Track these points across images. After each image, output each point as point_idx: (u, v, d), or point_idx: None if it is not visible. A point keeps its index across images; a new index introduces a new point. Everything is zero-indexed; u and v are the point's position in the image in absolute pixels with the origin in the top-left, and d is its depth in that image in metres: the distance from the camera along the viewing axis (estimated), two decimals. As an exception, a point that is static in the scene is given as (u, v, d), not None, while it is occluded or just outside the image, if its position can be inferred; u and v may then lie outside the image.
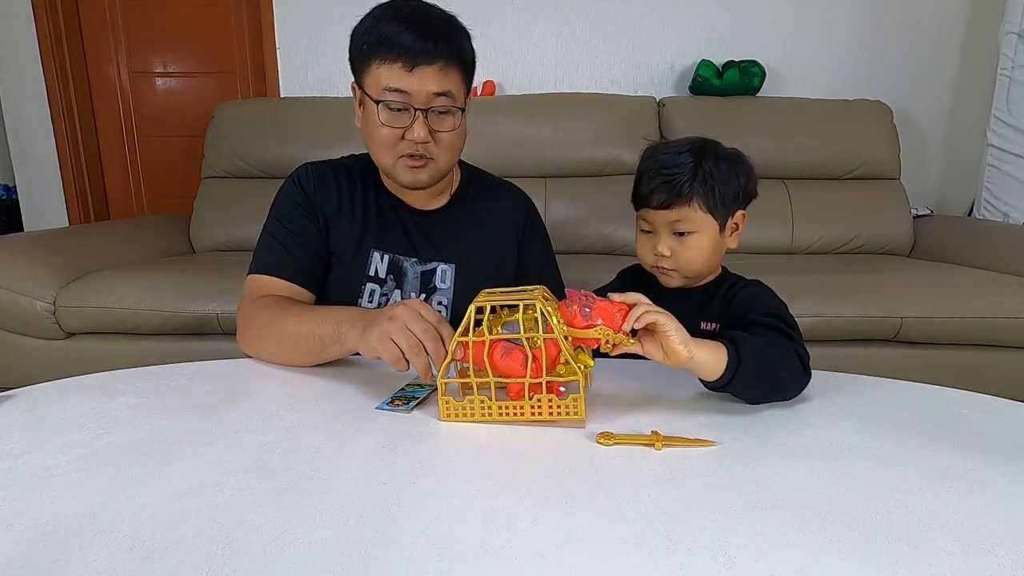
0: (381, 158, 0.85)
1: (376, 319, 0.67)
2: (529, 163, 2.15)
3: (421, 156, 0.82)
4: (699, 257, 0.79)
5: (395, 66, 0.76)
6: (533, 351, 0.59)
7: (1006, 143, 2.10)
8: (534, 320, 0.60)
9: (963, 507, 0.47)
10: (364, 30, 0.79)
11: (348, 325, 0.72)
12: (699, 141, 0.80)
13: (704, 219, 0.77)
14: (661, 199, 0.77)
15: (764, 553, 0.40)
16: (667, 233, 0.79)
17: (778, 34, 2.39)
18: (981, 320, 1.52)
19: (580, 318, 0.59)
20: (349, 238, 0.90)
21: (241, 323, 0.84)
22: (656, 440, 0.56)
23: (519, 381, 0.59)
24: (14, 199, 2.62)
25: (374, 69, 0.78)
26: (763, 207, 0.84)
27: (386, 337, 0.64)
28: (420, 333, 0.63)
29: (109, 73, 2.55)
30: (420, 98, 0.78)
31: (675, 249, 0.79)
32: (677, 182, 0.76)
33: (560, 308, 0.60)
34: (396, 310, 0.65)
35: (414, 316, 0.64)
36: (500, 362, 0.59)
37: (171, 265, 1.81)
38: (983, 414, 0.67)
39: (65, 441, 0.56)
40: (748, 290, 0.82)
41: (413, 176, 0.84)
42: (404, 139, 0.81)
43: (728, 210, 0.79)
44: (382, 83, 0.78)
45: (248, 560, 0.39)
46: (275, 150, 2.16)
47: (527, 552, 0.40)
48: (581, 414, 0.59)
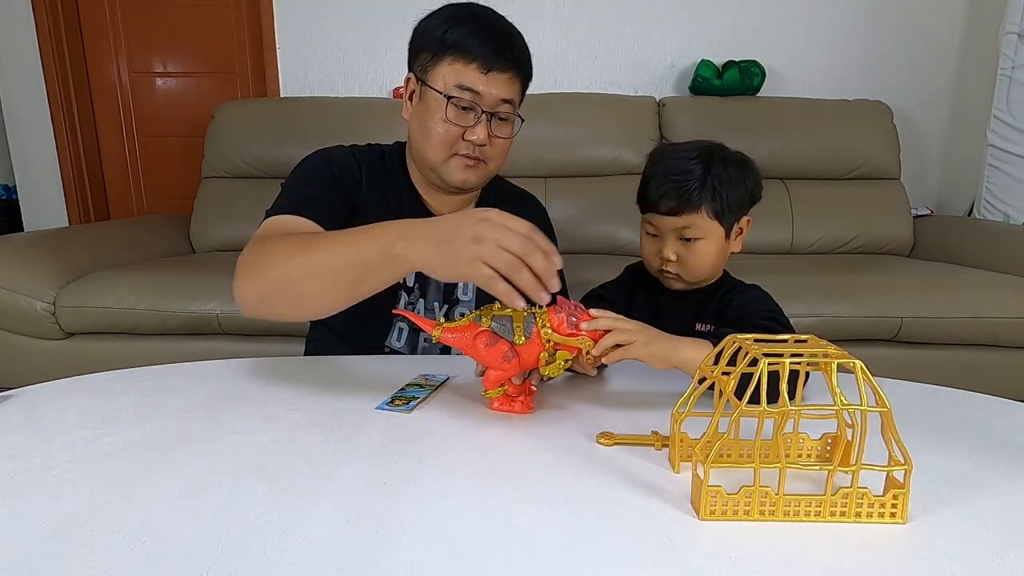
0: (432, 153, 0.83)
1: (453, 237, 0.58)
2: (529, 163, 2.15)
3: (476, 158, 0.83)
4: (704, 262, 0.79)
5: (470, 67, 0.78)
6: (517, 347, 0.61)
7: (1006, 143, 2.10)
8: (523, 318, 0.61)
9: (963, 507, 0.47)
10: (439, 26, 0.80)
11: (402, 243, 0.61)
12: (707, 146, 0.80)
13: (711, 226, 0.77)
14: (670, 205, 0.77)
15: (763, 551, 0.40)
16: (674, 239, 0.79)
17: (778, 34, 2.39)
18: (981, 320, 1.52)
19: (566, 326, 0.61)
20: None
21: (244, 267, 0.69)
22: (656, 440, 0.56)
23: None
24: (14, 199, 2.62)
25: (447, 65, 0.79)
26: (763, 207, 0.84)
27: (477, 261, 0.56)
28: (519, 249, 0.55)
29: (109, 73, 2.55)
30: (489, 101, 0.80)
31: (681, 255, 0.79)
32: (687, 189, 0.75)
33: (549, 313, 0.61)
34: (480, 228, 0.56)
35: (505, 232, 0.56)
36: (485, 352, 0.61)
37: (171, 265, 1.82)
38: (983, 414, 0.67)
39: (65, 441, 0.56)
40: (746, 295, 0.82)
41: (464, 176, 0.84)
42: (463, 139, 0.81)
43: (735, 216, 0.79)
44: (454, 80, 0.79)
45: (248, 560, 0.39)
46: (275, 150, 2.16)
47: (527, 552, 0.40)
48: (902, 515, 0.45)
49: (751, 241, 2.05)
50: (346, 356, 0.82)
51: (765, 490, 0.44)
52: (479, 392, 0.65)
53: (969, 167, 2.31)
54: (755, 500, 0.44)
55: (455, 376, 0.75)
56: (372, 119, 2.13)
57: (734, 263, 0.84)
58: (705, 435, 0.46)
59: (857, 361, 0.44)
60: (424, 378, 0.74)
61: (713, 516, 0.44)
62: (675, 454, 0.52)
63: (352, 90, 2.37)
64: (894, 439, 0.44)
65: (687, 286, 0.82)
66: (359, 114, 2.15)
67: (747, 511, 0.44)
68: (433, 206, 0.92)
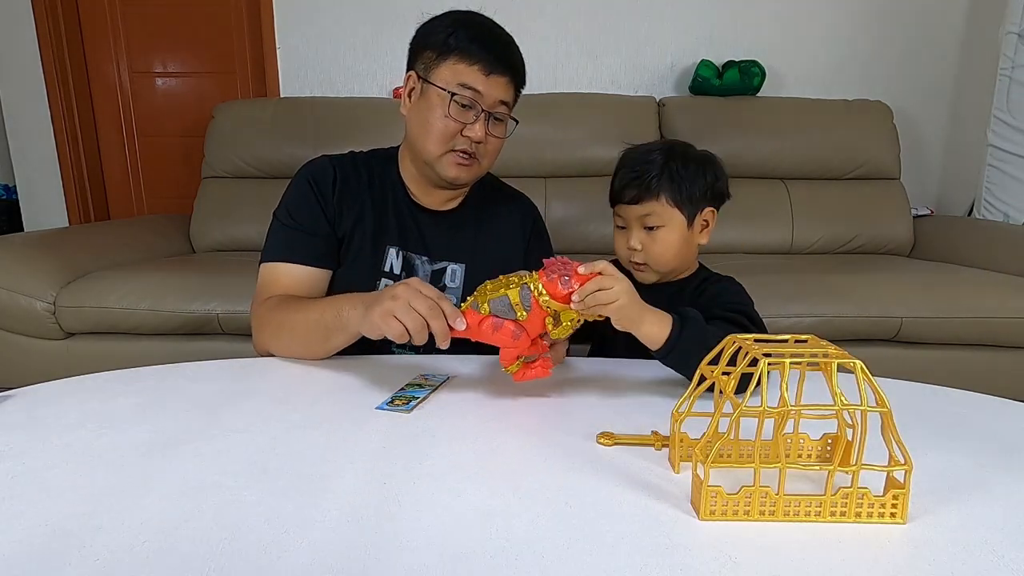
0: (430, 147, 0.88)
1: (377, 299, 0.69)
2: (529, 163, 2.15)
3: (471, 155, 0.88)
4: (668, 251, 0.84)
5: (474, 68, 0.84)
6: (521, 323, 0.63)
7: (1006, 143, 2.10)
8: (518, 292, 0.63)
9: (963, 507, 0.47)
10: (445, 29, 0.85)
11: (348, 308, 0.74)
12: (670, 142, 0.87)
13: (672, 213, 0.83)
14: (632, 194, 0.83)
15: (762, 551, 0.40)
16: (638, 227, 0.84)
17: (778, 34, 2.38)
18: (981, 320, 1.52)
19: (560, 286, 0.62)
20: (366, 233, 0.92)
21: (255, 324, 0.87)
22: (656, 440, 0.56)
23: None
24: (14, 199, 2.62)
25: (451, 64, 0.84)
26: (763, 207, 0.86)
27: (389, 316, 0.65)
28: (424, 311, 0.64)
29: (109, 73, 2.55)
30: (488, 101, 0.85)
31: (645, 243, 0.84)
32: (646, 178, 0.82)
33: (540, 278, 0.63)
34: (397, 289, 0.67)
35: (415, 294, 0.65)
36: (493, 336, 0.63)
37: (171, 265, 1.81)
38: (983, 414, 0.67)
39: (65, 441, 0.56)
40: (718, 286, 0.87)
41: (457, 172, 0.89)
42: (462, 135, 0.86)
43: (696, 206, 0.84)
44: (457, 79, 0.84)
45: (248, 560, 0.39)
46: (275, 150, 2.16)
47: (527, 552, 0.40)
48: (902, 515, 0.45)
49: (751, 241, 2.10)
50: (346, 356, 0.82)
51: (765, 490, 0.44)
52: (479, 391, 0.65)
53: (969, 167, 2.31)
54: (755, 500, 0.44)
55: (455, 376, 0.75)
56: (372, 119, 2.12)
57: (735, 263, 0.84)
58: (705, 435, 0.46)
59: (857, 361, 0.44)
60: (424, 378, 0.74)
61: (713, 516, 0.44)
62: (675, 454, 0.52)
63: (352, 90, 2.37)
64: (894, 439, 0.44)
65: (658, 277, 0.87)
66: (359, 114, 2.15)
67: (747, 511, 0.44)
68: (422, 200, 0.96)
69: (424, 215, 0.96)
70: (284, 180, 0.98)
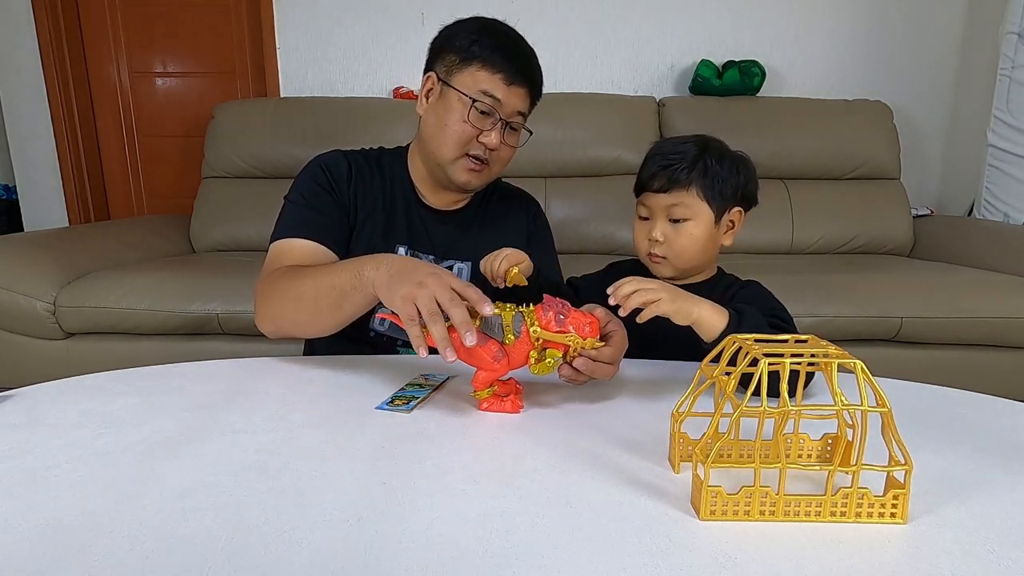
0: (445, 150, 0.88)
1: (405, 275, 0.65)
2: (529, 163, 2.14)
3: (484, 162, 0.89)
4: (693, 246, 0.81)
5: (496, 76, 0.85)
6: (506, 347, 0.62)
7: (1006, 143, 2.10)
8: (512, 317, 0.62)
9: (963, 507, 0.47)
10: (469, 35, 0.86)
11: (371, 269, 0.70)
12: (706, 136, 0.83)
13: (701, 207, 0.80)
14: (661, 183, 0.80)
15: (763, 551, 0.40)
16: (663, 218, 0.81)
17: (778, 34, 2.39)
18: (981, 320, 1.52)
19: (554, 324, 0.62)
20: (376, 230, 0.93)
21: (258, 298, 0.84)
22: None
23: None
24: (14, 199, 2.62)
25: (474, 71, 0.86)
26: (763, 207, 0.85)
27: (410, 300, 0.62)
28: (445, 302, 0.61)
29: (109, 73, 2.55)
30: (507, 110, 0.87)
31: (669, 235, 0.81)
32: (678, 167, 0.79)
33: (536, 311, 0.63)
34: (429, 279, 0.63)
35: (442, 287, 0.62)
36: (473, 351, 0.62)
37: (171, 265, 1.81)
38: (983, 414, 0.67)
39: (65, 441, 0.56)
40: (748, 290, 0.83)
41: (468, 177, 0.90)
42: (477, 141, 0.87)
43: (726, 203, 0.81)
44: (479, 86, 0.85)
45: (248, 560, 0.39)
46: (275, 150, 2.16)
47: (527, 552, 0.40)
48: (902, 515, 0.45)
49: (751, 241, 2.09)
50: (346, 356, 0.82)
51: (765, 490, 0.44)
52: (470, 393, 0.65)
53: (969, 167, 2.31)
54: (755, 500, 0.44)
55: (455, 376, 0.75)
56: (372, 119, 2.13)
57: (735, 263, 0.84)
58: (705, 435, 0.46)
59: (857, 361, 0.44)
60: (424, 378, 0.74)
61: (713, 516, 0.44)
62: (675, 454, 0.52)
63: (352, 90, 2.37)
64: (894, 439, 0.44)
65: (675, 273, 0.83)
66: (359, 114, 2.15)
67: (747, 511, 0.44)
68: (429, 199, 0.97)
69: (431, 214, 0.97)
70: (284, 180, 0.98)
